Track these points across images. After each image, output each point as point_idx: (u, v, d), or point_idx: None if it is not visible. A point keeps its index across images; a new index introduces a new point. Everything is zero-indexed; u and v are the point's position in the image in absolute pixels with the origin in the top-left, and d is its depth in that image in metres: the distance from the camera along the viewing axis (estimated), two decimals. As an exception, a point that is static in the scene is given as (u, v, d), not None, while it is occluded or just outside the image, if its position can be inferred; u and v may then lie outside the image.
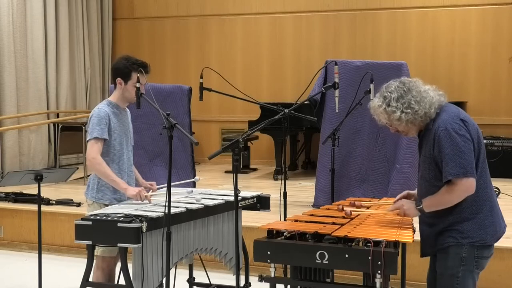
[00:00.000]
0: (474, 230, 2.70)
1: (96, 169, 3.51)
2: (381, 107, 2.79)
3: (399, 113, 2.73)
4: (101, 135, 3.50)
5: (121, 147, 3.64)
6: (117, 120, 3.63)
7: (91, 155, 3.47)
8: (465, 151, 2.63)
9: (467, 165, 2.62)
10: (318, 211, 3.43)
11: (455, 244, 2.72)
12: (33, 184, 4.20)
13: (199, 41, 10.19)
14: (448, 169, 2.64)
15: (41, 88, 8.86)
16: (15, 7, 8.33)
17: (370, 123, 5.66)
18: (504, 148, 8.02)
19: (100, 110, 3.57)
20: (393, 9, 9.19)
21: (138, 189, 3.47)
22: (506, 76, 8.74)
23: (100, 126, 3.51)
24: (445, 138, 2.65)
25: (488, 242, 2.73)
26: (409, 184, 5.45)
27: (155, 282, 3.09)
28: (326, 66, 5.50)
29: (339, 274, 4.21)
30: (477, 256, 2.72)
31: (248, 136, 3.52)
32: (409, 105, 2.72)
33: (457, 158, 2.62)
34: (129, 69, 3.56)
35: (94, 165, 3.48)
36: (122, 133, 3.66)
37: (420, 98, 2.73)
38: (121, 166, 3.64)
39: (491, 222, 2.74)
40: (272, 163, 8.74)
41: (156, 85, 6.39)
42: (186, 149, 6.29)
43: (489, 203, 2.75)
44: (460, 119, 2.70)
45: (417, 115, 2.73)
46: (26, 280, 4.97)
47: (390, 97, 2.76)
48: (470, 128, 2.69)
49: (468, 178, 2.63)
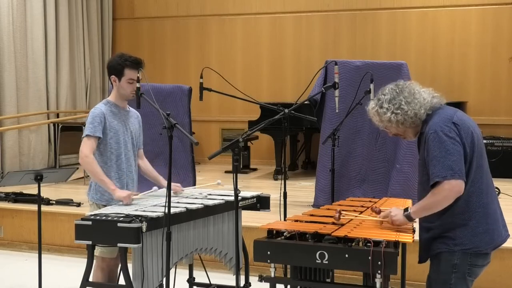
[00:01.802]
0: (466, 237, 2.65)
1: (86, 167, 3.53)
2: (374, 109, 2.82)
3: (389, 114, 2.73)
4: (93, 133, 3.51)
5: (118, 146, 3.62)
6: (115, 119, 3.62)
7: (83, 152, 3.49)
8: (453, 153, 2.58)
9: (454, 167, 2.56)
10: (318, 211, 3.43)
11: (447, 250, 2.68)
12: (33, 184, 4.20)
13: (199, 41, 10.19)
14: (435, 171, 2.59)
15: (41, 88, 8.86)
16: (15, 7, 8.33)
17: (370, 123, 5.59)
18: (504, 148, 8.02)
19: (95, 109, 3.59)
20: (393, 9, 9.19)
21: (127, 193, 3.44)
22: (506, 76, 8.75)
23: (93, 124, 3.52)
24: (434, 140, 2.62)
25: (483, 250, 2.66)
26: (409, 184, 5.45)
27: (155, 282, 3.09)
28: (326, 66, 5.50)
29: (339, 274, 4.21)
30: (470, 263, 2.66)
31: (248, 136, 3.52)
32: (400, 106, 2.72)
33: (445, 160, 2.57)
34: (122, 65, 3.56)
35: (85, 163, 3.50)
36: (120, 132, 3.64)
37: (411, 99, 2.73)
38: (120, 165, 3.63)
39: (485, 230, 2.66)
40: (272, 163, 8.74)
41: (156, 85, 6.39)
42: (186, 149, 6.29)
43: (484, 210, 2.67)
44: (452, 122, 2.65)
45: (407, 116, 2.71)
46: (26, 280, 4.97)
47: (383, 99, 2.77)
48: (462, 132, 2.64)
49: (456, 179, 2.56)
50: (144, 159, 3.92)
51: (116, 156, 3.62)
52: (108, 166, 3.59)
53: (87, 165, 3.49)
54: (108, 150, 3.60)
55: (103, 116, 3.56)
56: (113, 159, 3.61)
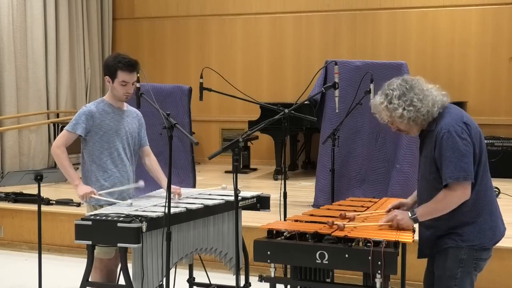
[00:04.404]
0: (474, 234, 2.70)
1: (55, 158, 3.58)
2: (382, 104, 2.77)
3: (401, 110, 2.71)
4: (73, 129, 3.54)
5: (109, 145, 3.59)
6: (106, 118, 3.59)
7: (56, 143, 3.57)
8: (466, 155, 2.61)
9: (467, 169, 2.60)
10: (318, 211, 3.43)
11: (455, 246, 2.71)
12: (33, 184, 4.20)
13: (199, 41, 10.19)
14: (448, 172, 2.62)
15: (41, 88, 8.86)
16: (15, 7, 8.33)
17: (370, 123, 5.66)
18: (504, 148, 8.02)
19: (84, 107, 3.62)
20: (393, 9, 9.19)
21: (89, 190, 3.47)
22: (506, 76, 8.74)
23: (77, 121, 3.55)
24: (447, 140, 2.63)
25: (487, 246, 2.73)
26: (409, 184, 5.45)
27: (155, 282, 3.09)
28: (326, 66, 5.50)
29: (339, 274, 4.21)
30: (476, 258, 2.71)
31: (248, 136, 3.52)
32: (412, 102, 2.70)
33: (458, 161, 2.60)
34: (115, 67, 3.51)
35: (55, 153, 3.56)
36: (113, 131, 3.61)
37: (422, 96, 2.71)
38: (115, 163, 3.60)
39: (490, 226, 2.73)
40: (272, 163, 8.74)
41: (156, 85, 6.39)
42: (186, 149, 6.29)
43: (489, 207, 2.74)
44: (463, 122, 2.68)
45: (419, 113, 2.71)
46: (26, 280, 4.97)
47: (392, 95, 2.74)
48: (472, 132, 2.67)
49: (467, 182, 2.62)
50: (151, 157, 3.88)
51: (108, 155, 3.59)
52: (97, 165, 3.57)
53: (56, 156, 3.55)
54: (97, 149, 3.58)
55: (90, 115, 3.55)
56: (103, 158, 3.58)
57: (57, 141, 3.56)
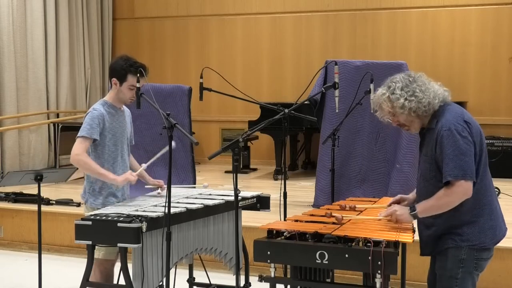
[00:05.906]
0: (474, 233, 2.70)
1: (80, 165, 3.41)
2: (384, 95, 2.78)
3: (403, 100, 2.71)
4: (90, 134, 3.43)
5: (115, 148, 3.58)
6: (113, 121, 3.57)
7: (75, 151, 3.39)
8: (466, 153, 2.62)
9: (467, 168, 2.61)
10: (318, 211, 3.43)
11: (454, 246, 2.71)
12: (33, 184, 4.19)
13: (199, 41, 10.19)
14: (448, 170, 2.62)
15: (41, 88, 8.86)
16: (15, 7, 8.33)
17: (370, 123, 5.66)
18: (504, 148, 8.02)
19: (95, 110, 3.50)
20: (393, 9, 9.19)
21: (125, 175, 3.45)
22: (506, 76, 8.74)
23: (91, 125, 3.44)
24: (448, 138, 2.63)
25: (487, 245, 2.72)
26: (409, 184, 5.44)
27: (155, 282, 3.09)
28: (326, 66, 5.50)
29: (339, 274, 4.21)
30: (476, 258, 2.71)
31: (248, 136, 3.52)
32: (414, 93, 2.71)
33: (458, 160, 2.60)
34: (126, 71, 3.48)
35: (77, 161, 3.38)
36: (118, 133, 3.59)
37: (425, 88, 2.73)
38: (115, 167, 3.57)
39: (490, 226, 2.72)
40: (272, 163, 8.74)
41: (156, 85, 6.39)
42: (186, 149, 6.29)
43: (490, 207, 2.74)
44: (464, 121, 2.68)
45: (420, 104, 2.71)
46: (26, 280, 4.97)
47: (395, 86, 2.75)
48: (473, 130, 2.68)
49: (466, 181, 2.61)
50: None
51: (113, 158, 3.57)
52: (105, 168, 3.52)
53: (80, 162, 3.38)
54: (105, 153, 3.54)
55: (102, 118, 3.49)
56: (110, 161, 3.55)
57: (76, 150, 3.39)
